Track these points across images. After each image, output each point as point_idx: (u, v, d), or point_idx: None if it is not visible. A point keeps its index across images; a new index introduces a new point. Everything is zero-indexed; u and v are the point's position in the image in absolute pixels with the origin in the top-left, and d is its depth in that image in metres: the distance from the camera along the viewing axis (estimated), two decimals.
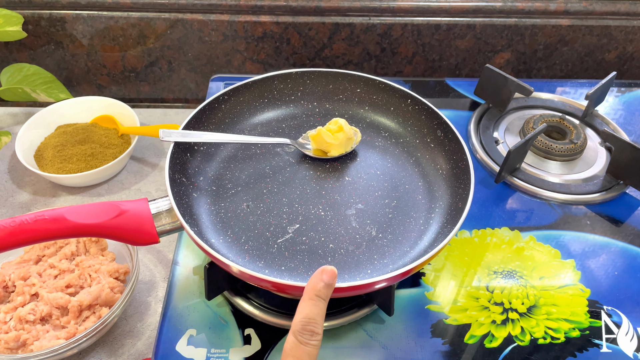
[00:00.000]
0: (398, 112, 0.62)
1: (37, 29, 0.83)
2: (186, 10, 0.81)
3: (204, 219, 0.52)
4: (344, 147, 0.58)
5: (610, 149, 0.72)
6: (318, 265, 0.48)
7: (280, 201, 0.54)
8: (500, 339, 0.51)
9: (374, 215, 0.53)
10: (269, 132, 0.62)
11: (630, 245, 0.60)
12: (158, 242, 0.48)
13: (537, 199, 0.66)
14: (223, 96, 0.60)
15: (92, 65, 0.88)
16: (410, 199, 0.55)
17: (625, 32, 0.85)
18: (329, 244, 0.51)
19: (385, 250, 0.51)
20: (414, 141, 0.60)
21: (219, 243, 0.51)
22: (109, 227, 0.45)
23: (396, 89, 0.61)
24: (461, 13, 0.83)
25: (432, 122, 0.59)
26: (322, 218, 0.53)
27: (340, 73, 0.63)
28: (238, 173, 0.57)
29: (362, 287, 0.44)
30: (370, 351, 0.50)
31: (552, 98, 0.80)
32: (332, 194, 0.55)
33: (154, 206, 0.48)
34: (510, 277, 0.57)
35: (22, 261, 0.60)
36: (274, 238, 0.51)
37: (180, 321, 0.52)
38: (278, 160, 0.59)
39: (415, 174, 0.58)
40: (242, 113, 0.62)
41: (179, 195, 0.51)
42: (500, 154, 0.70)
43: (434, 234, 0.52)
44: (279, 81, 0.63)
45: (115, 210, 0.46)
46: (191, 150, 0.56)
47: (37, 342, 0.52)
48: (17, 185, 0.75)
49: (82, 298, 0.55)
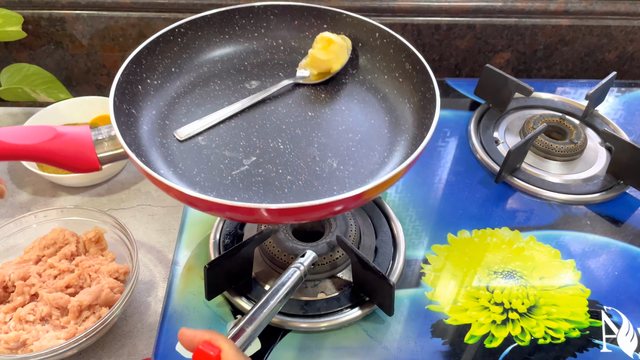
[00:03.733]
0: (367, 47, 0.59)
1: (37, 29, 0.83)
2: (186, 10, 0.81)
3: (154, 152, 0.50)
4: (343, 56, 0.57)
5: (610, 149, 0.72)
6: (273, 197, 0.47)
7: (237, 135, 0.52)
8: (501, 339, 0.51)
9: (336, 149, 0.52)
10: (230, 70, 0.59)
11: (631, 245, 0.60)
12: (99, 168, 0.47)
13: (537, 199, 0.66)
14: (179, 28, 0.57)
15: (92, 65, 0.88)
16: (375, 133, 0.53)
17: (625, 32, 0.85)
18: (287, 175, 0.49)
19: (346, 182, 0.49)
20: (382, 77, 0.58)
21: (168, 174, 0.49)
22: (44, 150, 0.44)
23: (364, 22, 0.58)
24: (461, 13, 0.83)
25: (400, 55, 0.56)
26: (281, 151, 0.51)
27: (305, 7, 0.60)
28: (194, 108, 0.55)
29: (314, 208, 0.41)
30: (370, 351, 0.50)
31: (552, 98, 0.80)
32: (293, 128, 0.53)
33: (95, 132, 0.46)
34: (511, 277, 0.57)
35: (21, 261, 0.60)
36: (228, 170, 0.49)
37: (180, 321, 0.52)
38: (238, 96, 0.56)
39: (382, 109, 0.56)
40: (200, 48, 0.59)
41: (126, 125, 0.49)
42: (500, 154, 0.70)
43: (396, 164, 0.50)
44: (241, 16, 0.60)
45: (51, 133, 0.44)
46: (143, 83, 0.54)
47: (37, 342, 0.52)
48: (17, 185, 0.75)
49: (82, 298, 0.55)
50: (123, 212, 0.72)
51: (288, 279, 0.48)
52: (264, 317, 0.44)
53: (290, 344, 0.50)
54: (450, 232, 0.61)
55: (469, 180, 0.67)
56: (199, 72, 0.58)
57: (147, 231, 0.69)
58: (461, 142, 0.73)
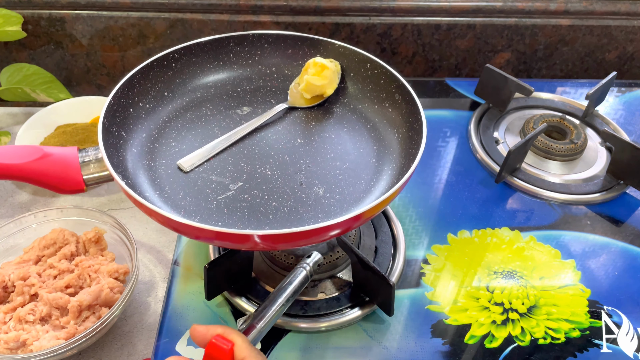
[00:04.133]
0: (358, 77, 0.60)
1: (36, 29, 0.83)
2: (186, 10, 0.81)
3: (141, 174, 0.50)
4: (335, 81, 0.58)
5: (610, 149, 0.72)
6: (258, 223, 0.47)
7: (226, 160, 0.53)
8: (501, 339, 0.51)
9: (323, 176, 0.52)
10: (223, 95, 0.60)
11: (631, 246, 0.60)
12: (84, 190, 0.47)
13: (538, 199, 0.66)
14: (174, 54, 0.58)
15: (91, 65, 0.88)
16: (363, 162, 0.54)
17: (625, 32, 0.85)
18: (272, 202, 0.49)
19: (331, 210, 0.49)
20: (372, 106, 0.59)
21: (154, 197, 0.49)
22: (30, 170, 0.44)
23: (356, 52, 0.59)
24: (461, 13, 0.83)
25: (390, 85, 0.57)
26: (268, 177, 0.51)
27: (299, 37, 0.61)
28: (185, 132, 0.55)
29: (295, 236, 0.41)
30: (370, 351, 0.50)
31: (552, 98, 0.80)
32: (282, 154, 0.54)
33: (82, 154, 0.47)
34: (511, 277, 0.57)
35: (21, 261, 0.60)
36: (214, 195, 0.49)
37: (180, 321, 0.52)
38: (229, 121, 0.57)
39: (371, 139, 0.56)
40: (194, 74, 0.60)
41: (114, 147, 0.49)
42: (500, 154, 0.70)
43: (381, 193, 0.51)
44: (235, 43, 0.61)
45: (38, 153, 0.44)
46: (135, 106, 0.54)
47: (37, 342, 0.52)
48: (17, 185, 0.75)
49: (82, 298, 0.55)
50: (123, 212, 0.72)
51: (295, 278, 0.48)
52: (272, 314, 0.45)
53: (290, 344, 0.50)
54: (450, 232, 0.61)
55: (469, 180, 0.67)
56: (192, 96, 0.59)
57: (147, 231, 0.69)
58: (461, 142, 0.73)
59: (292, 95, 0.59)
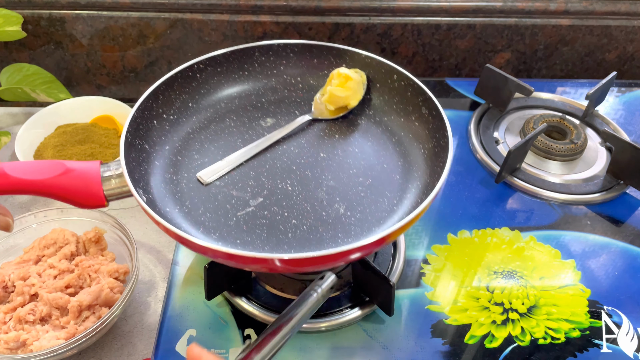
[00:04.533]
0: (384, 88, 0.59)
1: (36, 29, 0.83)
2: (186, 10, 0.81)
3: (162, 188, 0.50)
4: (359, 92, 0.57)
5: (610, 149, 0.72)
6: (276, 241, 0.47)
7: (247, 174, 0.52)
8: (501, 339, 0.51)
9: (345, 193, 0.51)
10: (247, 106, 0.59)
11: (631, 246, 0.60)
12: (105, 205, 0.46)
13: (538, 199, 0.66)
14: (199, 64, 0.57)
15: (91, 65, 0.88)
16: (387, 178, 0.53)
17: (625, 32, 0.85)
18: (292, 219, 0.49)
19: (351, 229, 0.48)
20: (398, 119, 0.58)
21: (174, 212, 0.49)
22: (52, 186, 0.43)
23: (383, 63, 0.58)
24: (461, 13, 0.83)
25: (417, 98, 0.56)
26: (288, 193, 0.51)
27: (325, 46, 0.60)
28: (207, 144, 0.55)
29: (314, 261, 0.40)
30: (370, 351, 0.50)
31: (552, 98, 0.80)
32: (303, 169, 0.53)
33: (105, 169, 0.46)
34: (511, 277, 0.57)
35: (21, 261, 0.60)
36: (233, 211, 0.49)
37: (180, 321, 0.52)
38: (252, 133, 0.57)
39: (396, 153, 0.55)
40: (219, 84, 0.59)
41: (137, 161, 0.49)
42: (500, 154, 0.70)
43: (404, 213, 0.50)
44: (260, 53, 0.60)
45: (60, 168, 0.44)
46: (158, 118, 0.54)
47: (37, 342, 0.52)
48: None
49: (82, 298, 0.55)
50: (123, 212, 0.72)
51: (304, 304, 0.42)
52: (274, 345, 0.40)
53: (290, 344, 0.50)
54: (450, 232, 0.61)
55: (469, 180, 0.67)
56: (216, 107, 0.59)
57: (147, 231, 0.69)
58: (461, 142, 0.73)
59: (316, 107, 0.59)
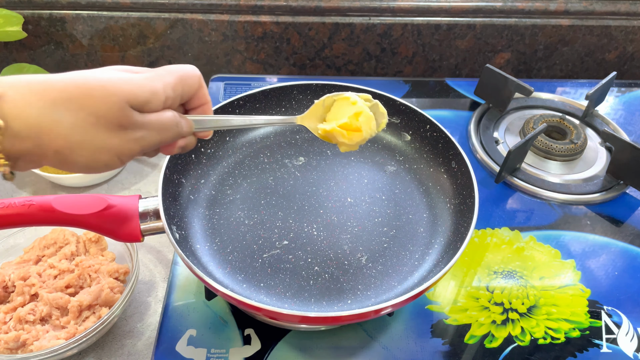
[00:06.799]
0: (416, 137, 0.60)
1: (37, 29, 0.83)
2: (186, 10, 0.81)
3: (195, 223, 0.52)
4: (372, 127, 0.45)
5: (610, 149, 0.72)
6: (298, 287, 0.48)
7: (276, 215, 0.54)
8: (501, 339, 0.51)
9: (368, 243, 0.52)
10: (281, 142, 0.61)
11: (631, 246, 0.60)
12: (141, 241, 0.47)
13: (537, 199, 0.66)
14: (238, 101, 0.58)
15: (92, 65, 0.88)
16: (411, 230, 0.54)
17: (625, 32, 0.85)
18: (315, 266, 0.50)
19: (371, 282, 0.49)
20: (427, 169, 0.59)
21: (204, 249, 0.50)
22: (94, 220, 0.45)
23: (417, 112, 0.59)
24: (461, 13, 0.83)
25: (448, 151, 0.57)
26: (313, 238, 0.52)
27: (361, 89, 0.59)
28: (241, 180, 0.57)
29: (330, 319, 0.43)
30: (370, 351, 0.50)
31: (552, 98, 0.80)
32: (330, 214, 0.54)
33: (143, 204, 0.47)
34: (511, 277, 0.57)
35: (21, 261, 0.60)
36: (260, 252, 0.51)
37: (180, 321, 0.52)
38: (284, 172, 0.58)
39: (422, 204, 0.56)
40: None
41: (173, 196, 0.50)
42: (500, 154, 0.70)
43: (426, 271, 0.50)
44: (299, 91, 0.62)
45: (102, 204, 0.45)
46: (197, 152, 0.56)
47: (37, 342, 0.52)
48: (17, 186, 0.75)
49: (82, 298, 0.55)
50: None
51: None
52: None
53: (290, 344, 0.50)
54: None
55: None
56: (252, 142, 0.61)
57: None
58: (461, 142, 0.73)
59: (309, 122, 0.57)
